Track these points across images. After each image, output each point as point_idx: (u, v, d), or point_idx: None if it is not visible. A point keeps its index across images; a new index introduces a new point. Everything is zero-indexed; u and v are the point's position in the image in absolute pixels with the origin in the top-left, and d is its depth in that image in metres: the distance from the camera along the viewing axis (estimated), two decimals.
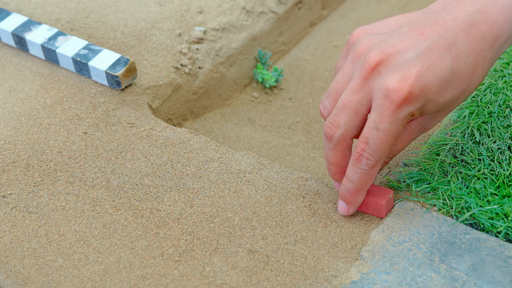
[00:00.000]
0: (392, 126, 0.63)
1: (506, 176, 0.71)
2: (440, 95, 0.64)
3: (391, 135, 0.63)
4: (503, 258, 0.65)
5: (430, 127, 0.69)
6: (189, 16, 0.98)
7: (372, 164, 0.65)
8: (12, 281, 0.67)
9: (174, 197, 0.74)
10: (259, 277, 0.67)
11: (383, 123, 0.63)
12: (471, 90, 0.67)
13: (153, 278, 0.67)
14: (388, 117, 0.63)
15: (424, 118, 0.68)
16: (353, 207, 0.70)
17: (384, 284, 0.64)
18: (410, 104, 0.62)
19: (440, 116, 0.68)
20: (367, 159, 0.65)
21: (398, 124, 0.63)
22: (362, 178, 0.66)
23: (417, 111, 0.64)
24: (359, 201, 0.69)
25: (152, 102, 0.87)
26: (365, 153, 0.64)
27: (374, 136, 0.63)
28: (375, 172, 0.66)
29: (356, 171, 0.66)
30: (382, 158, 0.65)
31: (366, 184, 0.67)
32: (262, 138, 0.94)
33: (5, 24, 0.91)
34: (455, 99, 0.66)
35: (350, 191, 0.68)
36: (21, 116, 0.83)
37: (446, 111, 0.68)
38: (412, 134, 0.68)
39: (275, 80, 1.02)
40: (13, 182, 0.76)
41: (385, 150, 0.64)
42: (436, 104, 0.65)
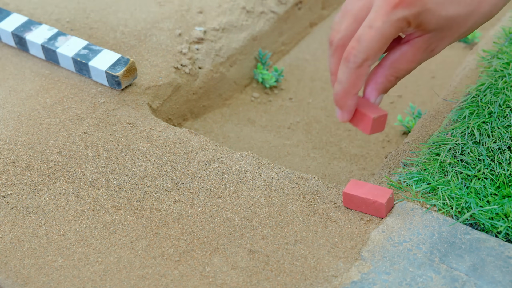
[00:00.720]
0: (384, 25, 0.63)
1: (506, 176, 0.71)
2: (442, 7, 0.63)
3: (382, 34, 0.63)
4: (503, 258, 0.65)
5: (437, 49, 0.67)
6: (189, 16, 0.98)
7: (359, 62, 0.64)
8: (12, 281, 0.67)
9: (174, 197, 0.74)
10: (259, 277, 0.67)
11: (376, 21, 0.63)
12: (479, 16, 0.65)
13: (153, 278, 0.67)
14: (382, 15, 0.63)
15: (430, 36, 0.66)
16: (346, 112, 0.68)
17: (384, 284, 0.64)
18: (406, 7, 0.62)
19: (447, 39, 0.67)
20: (354, 56, 0.64)
21: (391, 25, 0.63)
22: (349, 77, 0.65)
23: (413, 17, 0.63)
24: (349, 104, 0.67)
25: (152, 102, 0.87)
26: (354, 50, 0.64)
27: (366, 33, 0.63)
28: (362, 73, 0.65)
29: (344, 70, 0.65)
30: (370, 58, 0.64)
31: (353, 86, 0.66)
32: (262, 138, 0.94)
33: (5, 24, 0.91)
34: (461, 18, 0.64)
35: (340, 93, 0.67)
36: (21, 116, 0.83)
37: (452, 33, 0.66)
38: (417, 53, 0.67)
39: (275, 80, 1.02)
40: (13, 182, 0.76)
41: (374, 49, 0.64)
42: (436, 16, 0.64)
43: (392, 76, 0.68)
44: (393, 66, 0.68)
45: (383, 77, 0.68)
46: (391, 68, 0.68)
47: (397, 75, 0.68)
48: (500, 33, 0.92)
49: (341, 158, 0.92)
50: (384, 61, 0.68)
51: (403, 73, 0.68)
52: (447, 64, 1.06)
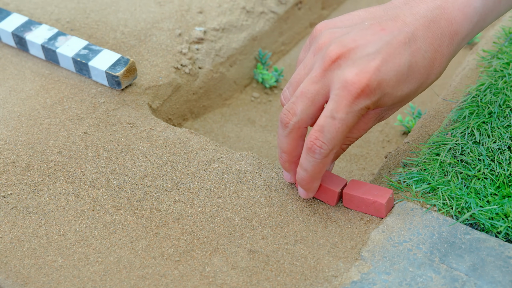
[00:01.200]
0: (348, 116, 0.64)
1: (506, 176, 0.71)
2: (397, 89, 0.65)
3: (346, 125, 0.64)
4: (503, 258, 0.65)
5: (386, 117, 0.71)
6: (189, 16, 0.98)
7: (325, 153, 0.65)
8: (12, 281, 0.67)
9: (174, 197, 0.74)
10: (259, 277, 0.67)
11: (339, 113, 0.64)
12: (428, 84, 0.68)
13: (153, 278, 0.67)
14: (344, 107, 0.64)
15: (382, 109, 0.69)
16: (311, 192, 0.71)
17: (384, 284, 0.64)
18: (367, 97, 0.64)
19: (396, 108, 0.70)
20: (320, 147, 0.65)
21: (354, 115, 0.64)
22: (315, 167, 0.67)
23: (373, 104, 0.65)
24: (315, 187, 0.70)
25: (152, 102, 0.87)
26: (319, 141, 0.65)
27: (330, 125, 0.64)
28: (328, 161, 0.67)
29: (310, 160, 0.66)
30: (335, 148, 0.66)
31: (319, 173, 0.68)
32: (262, 138, 0.94)
33: (5, 24, 0.91)
34: (412, 92, 0.67)
35: (305, 179, 0.68)
36: (21, 116, 0.83)
37: (403, 103, 0.69)
38: (369, 122, 0.70)
39: (275, 80, 1.02)
40: (13, 182, 0.76)
41: (339, 140, 0.65)
42: (393, 97, 0.66)
43: (344, 145, 0.71)
44: (346, 137, 0.70)
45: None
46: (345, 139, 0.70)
47: (349, 142, 0.71)
48: (500, 33, 0.92)
49: (341, 158, 0.92)
50: None
51: (354, 141, 0.71)
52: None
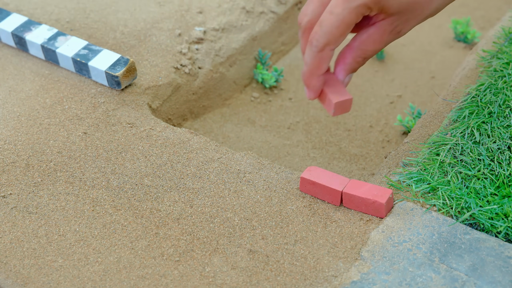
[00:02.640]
0: (344, 12, 0.65)
1: (506, 176, 0.71)
2: None
3: (342, 20, 0.65)
4: (503, 258, 0.65)
5: (404, 30, 0.70)
6: (189, 16, 0.98)
7: (320, 47, 0.67)
8: (12, 281, 0.67)
9: (174, 197, 0.74)
10: (259, 277, 0.67)
11: (337, 8, 0.65)
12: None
13: (153, 278, 0.67)
14: (342, 2, 0.65)
15: (394, 19, 0.68)
16: (311, 91, 0.71)
17: (384, 284, 0.64)
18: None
19: (412, 21, 0.69)
20: (317, 40, 0.67)
21: (351, 11, 0.65)
22: (312, 59, 0.68)
23: (374, 3, 0.65)
24: (314, 85, 0.70)
25: (152, 102, 0.87)
26: (316, 34, 0.66)
27: (327, 19, 0.66)
28: (325, 56, 0.68)
29: (308, 53, 0.68)
30: (331, 43, 0.67)
31: (317, 68, 0.68)
32: (262, 138, 0.94)
33: (5, 24, 0.91)
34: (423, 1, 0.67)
35: (306, 74, 0.70)
36: (21, 116, 0.83)
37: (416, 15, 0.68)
38: (384, 35, 0.69)
39: (275, 80, 1.02)
40: (13, 182, 0.76)
41: (335, 35, 0.66)
42: (398, 1, 0.66)
43: (359, 57, 0.71)
44: (360, 48, 0.70)
45: (351, 58, 0.71)
46: (358, 50, 0.70)
47: (365, 56, 0.71)
48: (500, 33, 0.92)
49: (341, 158, 0.92)
50: (352, 42, 0.71)
51: (370, 54, 0.71)
52: (447, 64, 1.06)
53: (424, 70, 1.06)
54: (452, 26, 1.09)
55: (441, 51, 1.09)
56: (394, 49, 1.09)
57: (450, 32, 1.12)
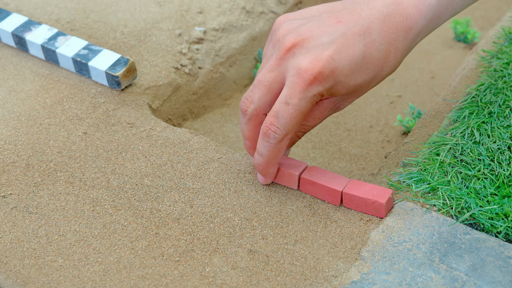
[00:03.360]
0: (301, 102, 0.66)
1: (506, 176, 0.71)
2: (351, 78, 0.67)
3: (299, 111, 0.66)
4: (503, 258, 0.65)
5: (342, 107, 0.72)
6: (189, 16, 0.98)
7: (279, 138, 0.67)
8: (12, 281, 0.67)
9: (174, 197, 0.74)
10: (259, 277, 0.67)
11: (293, 99, 0.66)
12: (382, 77, 0.70)
13: (153, 278, 0.67)
14: (298, 93, 0.65)
15: (337, 99, 0.70)
16: (269, 178, 0.73)
17: (384, 284, 0.64)
18: (320, 84, 0.65)
19: (351, 98, 0.71)
20: (274, 132, 0.67)
21: (307, 101, 0.66)
22: (270, 151, 0.69)
23: (326, 91, 0.67)
24: (272, 172, 0.72)
25: (152, 102, 0.87)
26: (273, 126, 0.67)
27: (284, 110, 0.66)
28: (283, 146, 0.69)
29: (265, 145, 0.68)
30: (289, 133, 0.67)
31: (275, 158, 0.70)
32: None
33: (5, 24, 0.91)
34: (366, 83, 0.69)
35: (261, 164, 0.70)
36: (21, 116, 0.83)
37: (358, 94, 0.71)
38: (324, 112, 0.71)
39: None
40: (13, 182, 0.76)
41: (293, 125, 0.67)
42: (346, 86, 0.67)
43: (300, 132, 0.73)
44: (301, 124, 0.72)
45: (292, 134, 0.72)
46: (300, 126, 0.72)
47: (305, 130, 0.73)
48: (500, 33, 0.92)
49: (340, 158, 0.92)
50: None
51: (309, 129, 0.73)
52: (447, 64, 1.06)
53: (424, 70, 1.06)
54: (452, 26, 1.09)
55: (441, 51, 1.09)
56: None
57: (450, 32, 1.12)
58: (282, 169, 0.73)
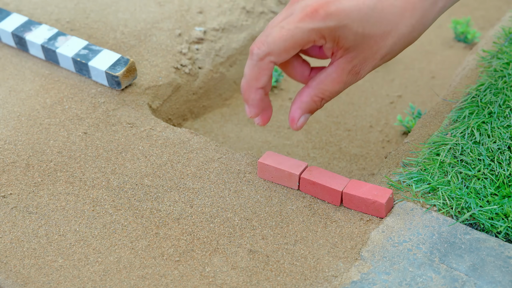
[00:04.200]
0: (296, 30, 0.64)
1: (506, 176, 0.71)
2: (358, 24, 0.65)
3: (291, 36, 0.64)
4: (503, 258, 0.65)
5: (362, 72, 0.69)
6: (189, 16, 0.98)
7: (261, 55, 0.65)
8: (12, 281, 0.67)
9: (174, 197, 0.74)
10: (259, 277, 0.67)
11: (289, 24, 0.64)
12: (398, 35, 0.67)
13: (153, 278, 0.67)
14: (296, 21, 0.64)
15: (352, 57, 0.67)
16: (251, 106, 0.69)
17: (384, 284, 0.64)
18: (321, 19, 0.64)
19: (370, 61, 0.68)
20: (258, 48, 0.65)
21: (303, 32, 0.64)
22: (251, 70, 0.66)
23: (329, 31, 0.64)
24: (253, 99, 0.69)
25: (152, 102, 0.87)
26: (259, 43, 0.65)
27: (275, 31, 0.65)
28: (264, 67, 0.66)
29: (248, 63, 0.67)
30: (273, 54, 0.65)
31: (255, 79, 0.67)
32: (262, 138, 0.94)
33: (5, 24, 0.91)
34: (379, 36, 0.66)
35: (244, 86, 0.68)
36: (21, 116, 0.83)
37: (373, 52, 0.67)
38: (342, 74, 0.68)
39: (275, 80, 1.02)
40: (13, 182, 0.76)
41: (279, 46, 0.65)
42: (353, 33, 0.65)
43: (317, 97, 0.69)
44: (318, 87, 0.69)
45: (308, 96, 0.69)
46: (316, 89, 0.69)
47: (322, 96, 0.69)
48: (500, 33, 0.92)
49: (341, 158, 0.92)
50: (311, 82, 0.69)
51: (328, 94, 0.69)
52: (447, 64, 1.06)
53: (424, 70, 1.06)
54: (452, 26, 1.09)
55: (441, 51, 1.09)
56: None
57: (450, 32, 1.12)
58: (282, 169, 0.73)
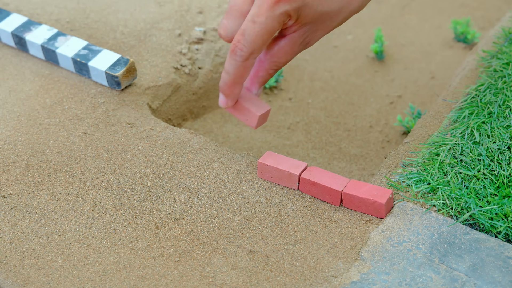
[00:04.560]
0: (267, 20, 0.67)
1: (506, 176, 0.71)
2: (318, 2, 0.68)
3: (266, 29, 0.67)
4: (503, 259, 0.65)
5: (311, 42, 0.72)
6: (189, 17, 0.98)
7: (245, 56, 0.68)
8: (12, 281, 0.67)
9: (174, 197, 0.74)
10: (259, 277, 0.67)
11: (260, 17, 0.67)
12: (350, 10, 0.71)
13: (153, 278, 0.67)
14: (265, 10, 0.67)
15: (305, 30, 0.71)
16: (231, 100, 0.73)
17: (384, 285, 0.64)
18: (287, 2, 0.67)
19: (320, 31, 0.72)
20: (241, 50, 0.68)
21: (274, 19, 0.67)
22: (236, 69, 0.69)
23: (294, 11, 0.67)
24: (235, 93, 0.72)
25: (152, 102, 0.87)
26: (240, 44, 0.68)
27: (250, 28, 0.67)
28: (249, 65, 0.69)
29: (231, 63, 0.69)
30: (256, 51, 0.68)
31: (241, 77, 0.70)
32: (262, 138, 0.94)
33: (5, 24, 0.91)
34: (334, 13, 0.70)
35: (227, 83, 0.71)
36: (21, 116, 0.83)
37: (325, 26, 0.71)
38: (294, 46, 0.72)
39: (275, 80, 1.02)
40: (13, 182, 0.76)
41: (259, 44, 0.68)
42: (313, 11, 0.69)
43: (271, 69, 0.73)
44: (272, 60, 0.73)
45: (263, 71, 0.73)
46: (270, 62, 0.73)
47: (276, 67, 0.73)
48: (500, 33, 0.92)
49: (340, 158, 0.92)
50: (263, 55, 0.73)
51: (281, 65, 0.73)
52: (447, 64, 1.06)
53: (424, 70, 1.06)
54: (452, 26, 1.09)
55: (441, 51, 1.09)
56: (394, 49, 1.09)
57: (450, 32, 1.12)
58: (282, 169, 0.73)
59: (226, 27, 0.70)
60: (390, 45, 1.10)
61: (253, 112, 0.73)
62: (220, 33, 0.71)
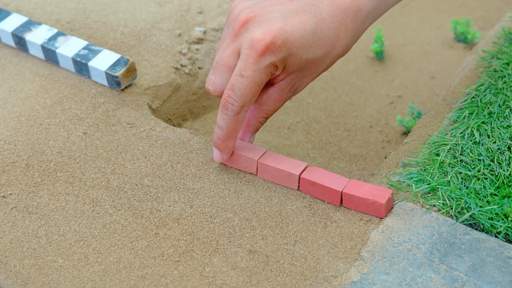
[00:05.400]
0: (255, 73, 0.68)
1: (506, 176, 0.71)
2: (303, 51, 0.69)
3: (254, 82, 0.68)
4: (503, 259, 0.65)
5: (299, 88, 0.73)
6: (189, 17, 0.98)
7: (237, 110, 0.69)
8: (12, 281, 0.67)
9: (174, 197, 0.74)
10: (259, 277, 0.67)
11: (247, 70, 0.68)
12: (334, 56, 0.72)
13: (153, 279, 0.67)
14: (251, 64, 0.67)
15: (292, 78, 0.72)
16: (226, 154, 0.74)
17: (384, 285, 0.64)
18: (272, 54, 0.67)
19: (307, 78, 0.73)
20: (232, 104, 0.69)
21: (261, 72, 0.68)
22: (229, 124, 0.70)
23: (280, 62, 0.68)
24: (230, 147, 0.73)
25: (152, 102, 0.87)
26: (230, 99, 0.69)
27: (239, 83, 0.68)
28: (241, 118, 0.70)
29: (224, 118, 0.70)
30: (246, 105, 0.69)
31: (234, 130, 0.71)
32: (262, 138, 0.94)
33: (5, 24, 0.91)
34: (319, 59, 0.71)
35: (221, 138, 0.72)
36: (21, 117, 0.83)
37: (312, 72, 0.72)
38: (283, 94, 0.73)
39: None
40: (13, 182, 0.76)
41: (249, 97, 0.69)
42: (299, 59, 0.69)
43: (261, 118, 0.75)
44: (261, 109, 0.74)
45: (254, 119, 0.75)
46: (260, 111, 0.74)
47: (266, 116, 0.75)
48: (500, 33, 0.92)
49: (340, 159, 0.92)
50: (253, 104, 0.74)
51: (271, 113, 0.75)
52: (447, 64, 1.06)
53: (424, 70, 1.06)
54: (452, 27, 1.09)
55: (441, 51, 1.09)
56: (394, 49, 1.09)
57: (450, 32, 1.12)
58: (282, 169, 0.73)
59: (214, 82, 0.71)
60: (390, 45, 1.10)
61: (252, 157, 0.74)
62: (209, 89, 0.72)
